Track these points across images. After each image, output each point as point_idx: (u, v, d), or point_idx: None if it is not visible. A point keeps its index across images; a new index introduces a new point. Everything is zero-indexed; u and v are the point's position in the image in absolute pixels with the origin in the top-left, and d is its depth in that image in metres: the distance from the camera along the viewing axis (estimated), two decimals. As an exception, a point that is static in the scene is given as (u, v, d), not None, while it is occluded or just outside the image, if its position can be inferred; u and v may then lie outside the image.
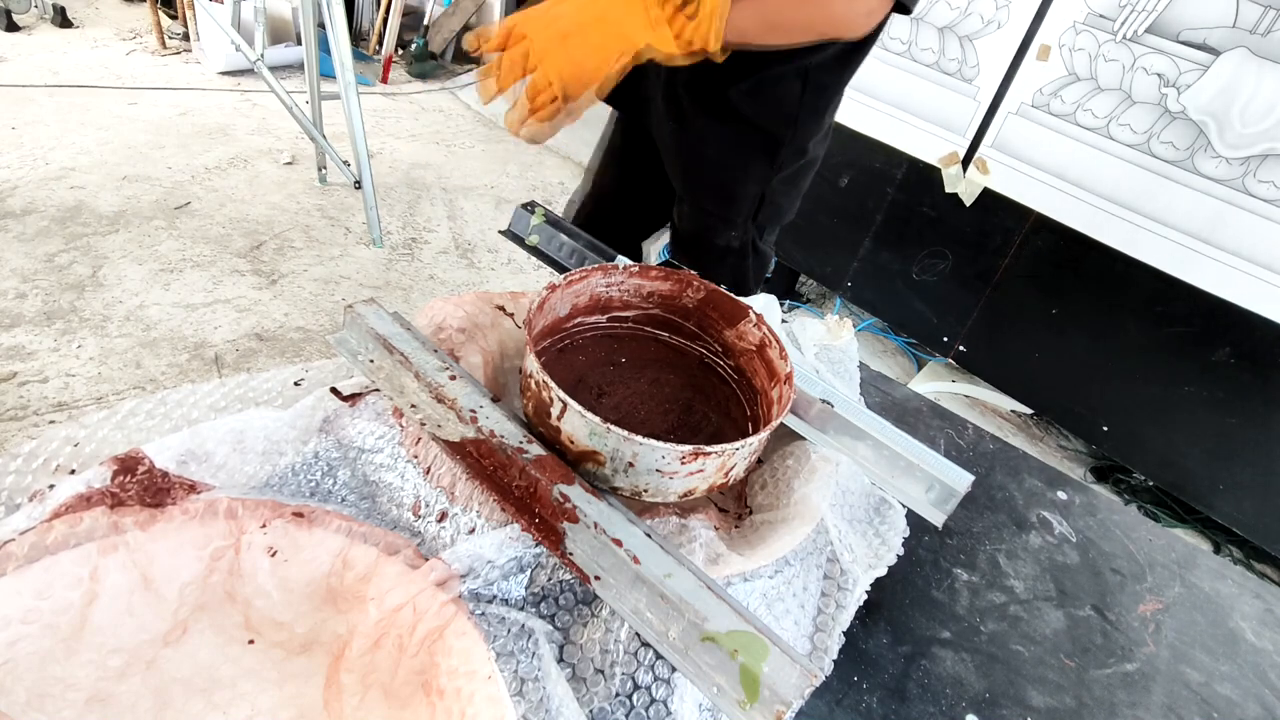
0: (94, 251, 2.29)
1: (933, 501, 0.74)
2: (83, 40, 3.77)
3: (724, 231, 1.16)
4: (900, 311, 2.46)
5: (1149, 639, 0.78)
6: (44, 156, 2.70)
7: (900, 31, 2.10)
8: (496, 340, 0.82)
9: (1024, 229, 2.09)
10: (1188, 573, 0.89)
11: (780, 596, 0.64)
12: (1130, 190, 1.85)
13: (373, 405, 0.72)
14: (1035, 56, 1.90)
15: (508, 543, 0.59)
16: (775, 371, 0.77)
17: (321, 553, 0.57)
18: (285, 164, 3.05)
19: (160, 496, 0.56)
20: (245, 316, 2.19)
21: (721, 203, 1.13)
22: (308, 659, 0.55)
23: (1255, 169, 1.67)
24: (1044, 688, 0.70)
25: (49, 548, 0.50)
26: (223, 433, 0.64)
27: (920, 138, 2.18)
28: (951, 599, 0.77)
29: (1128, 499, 2.36)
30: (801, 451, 0.76)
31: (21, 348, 1.89)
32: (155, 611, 0.53)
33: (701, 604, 0.53)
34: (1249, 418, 1.89)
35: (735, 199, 1.13)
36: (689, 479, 0.64)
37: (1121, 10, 1.74)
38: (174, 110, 3.26)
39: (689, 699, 0.54)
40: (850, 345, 1.08)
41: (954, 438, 1.04)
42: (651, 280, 0.84)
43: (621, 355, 0.86)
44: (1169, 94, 1.73)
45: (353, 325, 0.75)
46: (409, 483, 0.66)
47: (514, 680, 0.52)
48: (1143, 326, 1.98)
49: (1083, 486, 1.00)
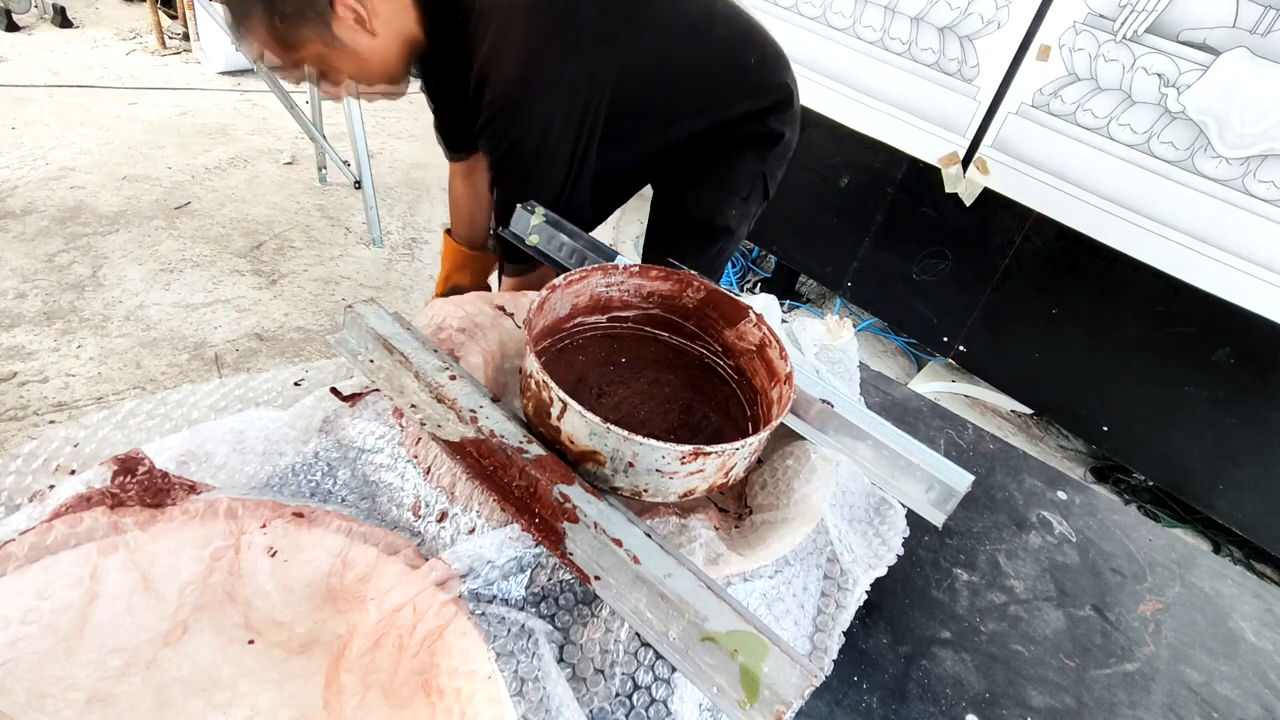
0: (94, 251, 2.29)
1: (933, 501, 0.74)
2: (83, 40, 3.77)
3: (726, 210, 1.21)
4: (900, 311, 2.46)
5: (1149, 639, 0.78)
6: (44, 156, 2.70)
7: (900, 31, 2.11)
8: (496, 340, 0.82)
9: (1024, 229, 2.09)
10: (1188, 573, 0.89)
11: (780, 596, 0.64)
12: (1130, 190, 1.85)
13: (373, 405, 0.72)
14: (1035, 56, 1.90)
15: (508, 543, 0.59)
16: (775, 371, 0.77)
17: (321, 553, 0.57)
18: (285, 164, 3.05)
19: (160, 497, 0.56)
20: (245, 316, 2.19)
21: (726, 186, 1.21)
22: (308, 659, 0.55)
23: (1255, 169, 1.66)
24: (1044, 688, 0.70)
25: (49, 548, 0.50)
26: (223, 433, 0.64)
27: (920, 138, 2.18)
28: (951, 599, 0.77)
29: (1128, 499, 2.36)
30: (801, 451, 0.76)
31: (21, 348, 1.89)
32: (155, 611, 0.53)
33: (701, 604, 0.53)
34: (1249, 418, 1.88)
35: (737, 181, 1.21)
36: (689, 479, 0.64)
37: (1121, 10, 1.74)
38: (174, 110, 3.26)
39: (689, 699, 0.54)
40: (850, 345, 1.08)
41: (954, 438, 1.04)
42: (651, 280, 0.84)
43: (621, 355, 0.86)
44: (1169, 94, 1.73)
45: (353, 325, 0.75)
46: (409, 483, 0.66)
47: (514, 680, 0.52)
48: (1143, 326, 1.98)
49: (1083, 486, 1.00)
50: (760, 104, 1.15)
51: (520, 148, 0.97)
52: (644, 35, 1.02)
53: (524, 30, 0.93)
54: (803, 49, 2.29)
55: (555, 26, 0.94)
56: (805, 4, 2.26)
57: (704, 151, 1.17)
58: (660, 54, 1.04)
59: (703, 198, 1.20)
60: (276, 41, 0.91)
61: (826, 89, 2.30)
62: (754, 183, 1.21)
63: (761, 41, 1.16)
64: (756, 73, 1.14)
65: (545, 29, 0.93)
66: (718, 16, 1.10)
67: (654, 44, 1.03)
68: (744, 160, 1.19)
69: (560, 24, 0.94)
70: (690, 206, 1.22)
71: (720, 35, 1.10)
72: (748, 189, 1.21)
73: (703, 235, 1.23)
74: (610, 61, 0.99)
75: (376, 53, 0.97)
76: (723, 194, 1.20)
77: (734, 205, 1.21)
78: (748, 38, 1.14)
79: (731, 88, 1.12)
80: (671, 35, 1.05)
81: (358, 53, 0.96)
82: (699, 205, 1.21)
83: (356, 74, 0.99)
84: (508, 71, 0.94)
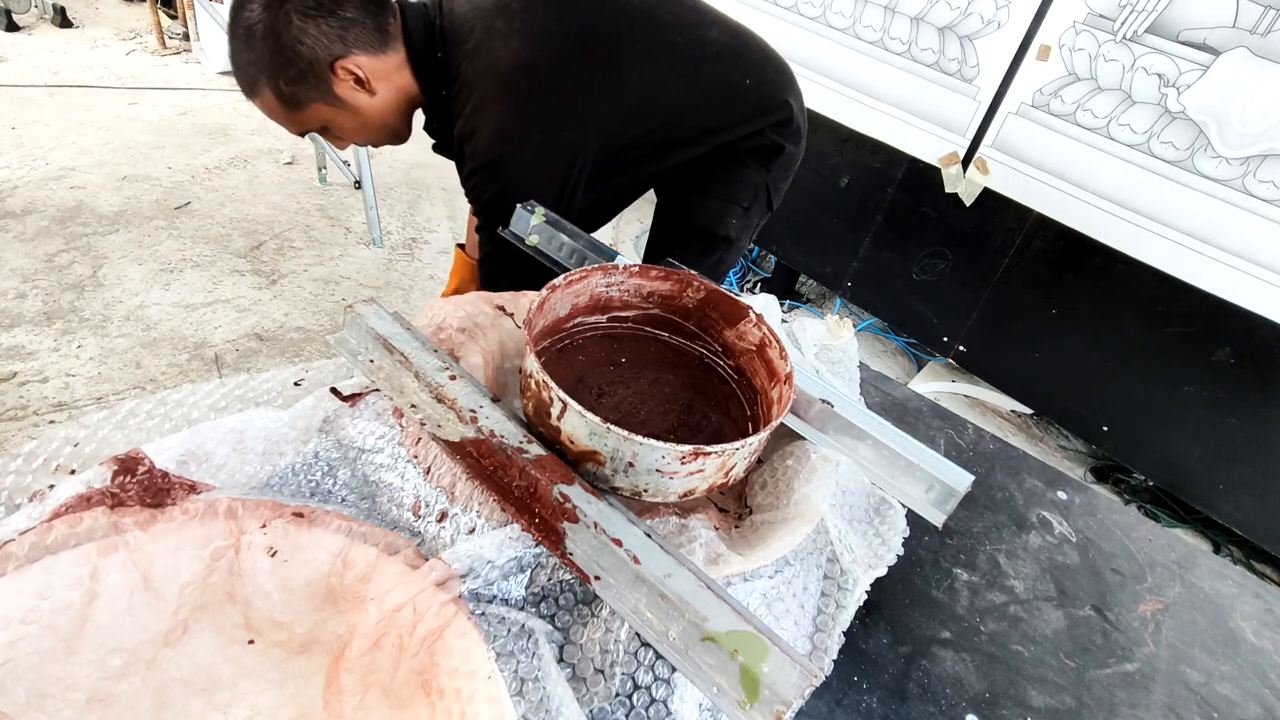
0: (94, 251, 2.29)
1: (933, 501, 0.74)
2: (83, 40, 3.77)
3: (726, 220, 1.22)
4: (900, 311, 2.46)
5: (1149, 639, 0.78)
6: (44, 156, 2.70)
7: (900, 31, 2.11)
8: (496, 340, 0.82)
9: (1024, 229, 2.09)
10: (1188, 573, 0.89)
11: (780, 596, 0.64)
12: (1130, 190, 1.85)
13: (373, 405, 0.72)
14: (1035, 56, 1.90)
15: (508, 543, 0.59)
16: (775, 371, 0.77)
17: (321, 553, 0.57)
18: (285, 164, 3.05)
19: (160, 496, 0.56)
20: (245, 316, 2.19)
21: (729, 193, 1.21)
22: (308, 659, 0.55)
23: (1255, 169, 1.66)
24: (1044, 688, 0.70)
25: (49, 548, 0.50)
26: (223, 433, 0.64)
27: (920, 138, 2.18)
28: (951, 599, 0.77)
29: (1128, 499, 2.36)
30: (801, 451, 0.76)
31: (21, 348, 1.89)
32: (155, 611, 0.53)
33: (701, 604, 0.53)
34: (1249, 418, 1.88)
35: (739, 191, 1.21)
36: (689, 479, 0.64)
37: (1121, 10, 1.74)
38: (174, 110, 3.26)
39: (689, 699, 0.54)
40: (850, 345, 1.08)
41: (954, 438, 1.04)
42: (651, 280, 0.84)
43: (621, 355, 0.86)
44: (1169, 94, 1.73)
45: (353, 325, 0.75)
46: (409, 483, 0.66)
47: (514, 680, 0.52)
48: (1143, 326, 1.98)
49: (1083, 486, 1.00)
50: (760, 124, 1.15)
51: (503, 197, 0.99)
52: (631, 72, 1.04)
53: (499, 106, 0.97)
54: (803, 49, 2.29)
55: (532, 101, 0.97)
56: (805, 4, 2.26)
57: (707, 163, 1.18)
58: (649, 88, 1.06)
59: (704, 207, 1.21)
60: (283, 104, 0.97)
61: (826, 89, 2.30)
62: (756, 194, 1.21)
63: (760, 61, 1.16)
64: (754, 93, 1.14)
65: (520, 104, 0.97)
66: (709, 45, 1.10)
67: (641, 80, 1.05)
68: (747, 172, 1.19)
69: (536, 96, 0.97)
70: (692, 215, 1.22)
71: (712, 62, 1.10)
72: (749, 200, 1.21)
73: (703, 244, 1.23)
74: (595, 113, 1.01)
75: (376, 110, 1.02)
76: (724, 204, 1.20)
77: (735, 215, 1.21)
78: (743, 60, 1.14)
79: (728, 111, 1.13)
80: (660, 68, 1.06)
81: (359, 110, 1.00)
82: (700, 214, 1.21)
83: (359, 130, 1.04)
84: (486, 138, 0.98)
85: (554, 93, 0.98)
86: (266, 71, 0.94)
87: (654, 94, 1.06)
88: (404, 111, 1.06)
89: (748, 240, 1.29)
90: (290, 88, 0.95)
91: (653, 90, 1.06)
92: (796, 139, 1.22)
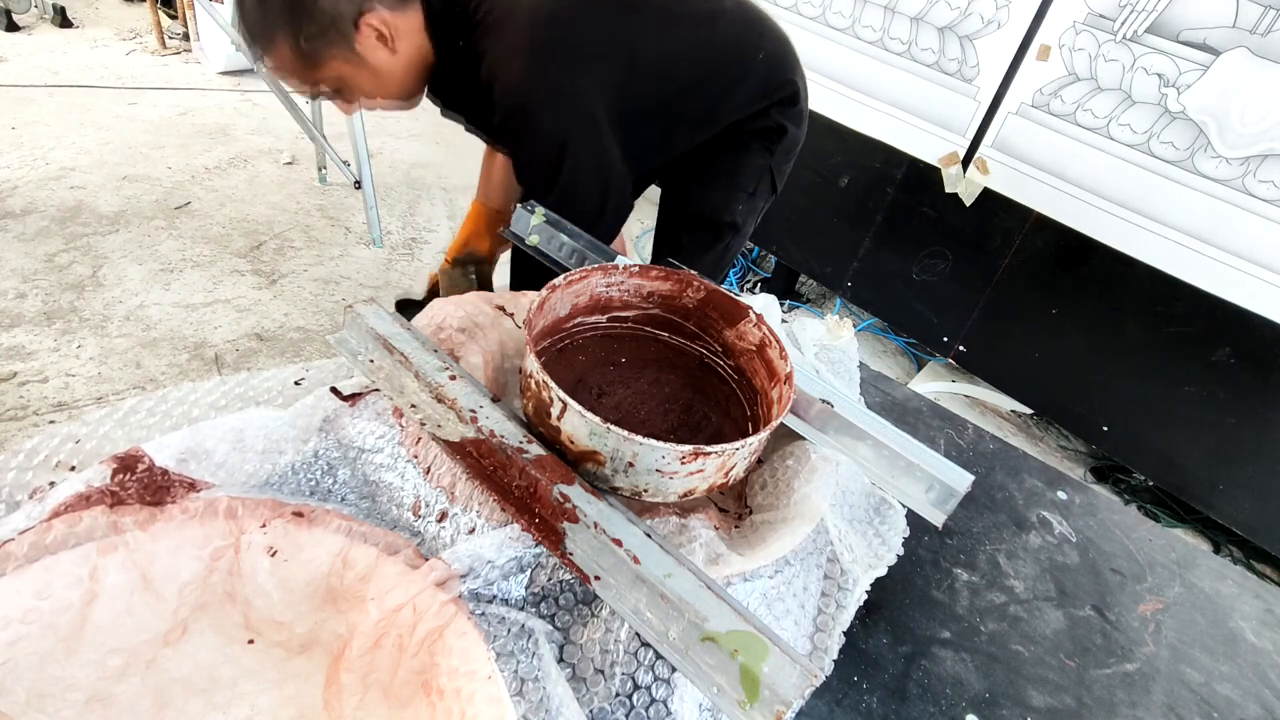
0: (94, 251, 2.29)
1: (933, 501, 0.74)
2: (83, 40, 3.77)
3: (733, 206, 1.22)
4: (900, 311, 2.46)
5: (1149, 639, 0.78)
6: (44, 156, 2.70)
7: (900, 31, 2.10)
8: (496, 340, 0.82)
9: (1024, 229, 2.09)
10: (1188, 573, 0.89)
11: (780, 596, 0.64)
12: (1130, 190, 1.85)
13: (373, 405, 0.72)
14: (1035, 56, 1.90)
15: (508, 543, 0.59)
16: (775, 371, 0.77)
17: (321, 552, 0.57)
18: (285, 164, 3.05)
19: (160, 494, 0.56)
20: (245, 316, 2.19)
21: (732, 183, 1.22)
22: (308, 659, 0.55)
23: (1255, 169, 1.66)
24: (1044, 688, 0.70)
25: (49, 547, 0.50)
26: (223, 431, 0.64)
27: (920, 138, 2.18)
28: (951, 599, 0.77)
29: (1128, 499, 2.36)
30: (801, 451, 0.76)
31: (21, 348, 1.89)
32: (155, 611, 0.53)
33: (701, 604, 0.53)
34: (1249, 418, 1.88)
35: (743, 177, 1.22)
36: (689, 479, 0.64)
37: (1121, 10, 1.74)
38: (174, 110, 3.26)
39: (689, 699, 0.54)
40: (850, 345, 1.08)
41: (954, 438, 1.04)
42: (651, 280, 0.84)
43: (621, 355, 0.86)
44: (1169, 94, 1.73)
45: (353, 325, 0.75)
46: (409, 483, 0.66)
47: (514, 680, 0.52)
48: (1143, 326, 1.98)
49: (1083, 486, 1.00)
50: (766, 102, 1.15)
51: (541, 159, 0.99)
52: (646, 34, 1.03)
53: (524, 40, 0.96)
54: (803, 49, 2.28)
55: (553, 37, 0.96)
56: (805, 4, 2.26)
57: (711, 148, 1.18)
58: (666, 49, 1.05)
59: (709, 194, 1.21)
60: (300, 60, 0.94)
61: (826, 89, 2.30)
62: (760, 178, 1.22)
63: (772, 36, 1.16)
64: (764, 68, 1.14)
65: (543, 38, 0.96)
66: (725, 13, 1.10)
67: (659, 40, 1.04)
68: (750, 155, 1.19)
69: (557, 34, 0.96)
70: (697, 203, 1.22)
71: (725, 29, 1.10)
72: (754, 184, 1.21)
73: (710, 231, 1.23)
74: (613, 65, 1.00)
75: (396, 69, 1.00)
76: (729, 190, 1.20)
77: (740, 201, 1.21)
78: (754, 31, 1.14)
79: (739, 85, 1.12)
80: (678, 27, 1.06)
81: (378, 69, 0.98)
82: (706, 201, 1.22)
83: (375, 90, 1.02)
84: (515, 73, 0.96)
85: (574, 37, 0.97)
86: (285, 27, 0.90)
87: (671, 57, 1.06)
88: (420, 71, 1.04)
89: (754, 224, 1.29)
90: (310, 44, 0.91)
91: (670, 52, 1.05)
92: (799, 120, 1.22)
